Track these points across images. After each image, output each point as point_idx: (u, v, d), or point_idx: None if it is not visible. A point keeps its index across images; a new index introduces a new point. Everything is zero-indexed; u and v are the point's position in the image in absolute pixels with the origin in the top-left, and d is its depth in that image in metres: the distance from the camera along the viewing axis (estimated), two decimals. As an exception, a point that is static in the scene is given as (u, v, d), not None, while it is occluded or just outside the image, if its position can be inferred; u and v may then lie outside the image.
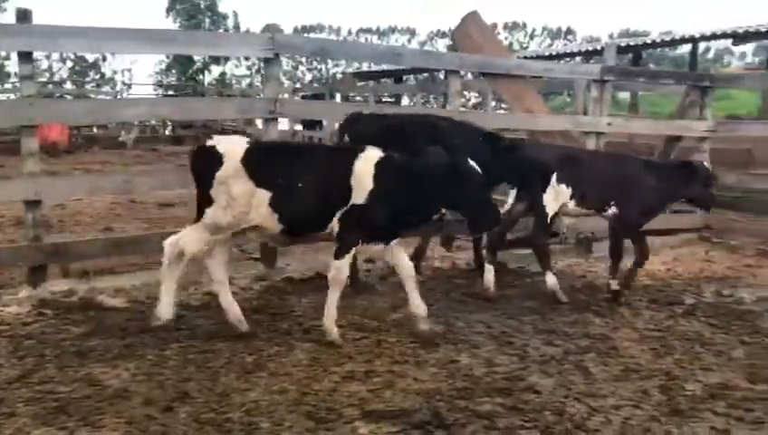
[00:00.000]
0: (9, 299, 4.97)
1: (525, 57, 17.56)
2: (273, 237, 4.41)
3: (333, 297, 4.24)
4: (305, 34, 52.41)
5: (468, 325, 4.71)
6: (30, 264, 5.18)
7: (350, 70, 39.11)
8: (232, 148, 4.09)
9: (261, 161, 4.10)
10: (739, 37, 14.82)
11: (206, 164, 4.09)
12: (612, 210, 5.51)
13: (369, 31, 59.32)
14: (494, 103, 13.53)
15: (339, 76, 46.23)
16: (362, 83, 27.35)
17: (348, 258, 4.22)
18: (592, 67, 7.41)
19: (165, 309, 4.26)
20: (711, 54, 48.97)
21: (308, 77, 54.95)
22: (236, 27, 46.14)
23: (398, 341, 4.35)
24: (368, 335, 4.44)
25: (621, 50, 14.02)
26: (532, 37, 58.24)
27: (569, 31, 59.05)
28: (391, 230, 4.30)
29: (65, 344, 4.13)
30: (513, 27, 57.34)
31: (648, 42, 18.23)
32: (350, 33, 58.58)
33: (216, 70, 45.86)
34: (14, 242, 6.59)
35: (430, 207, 4.34)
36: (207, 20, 44.70)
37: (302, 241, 5.23)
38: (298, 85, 40.74)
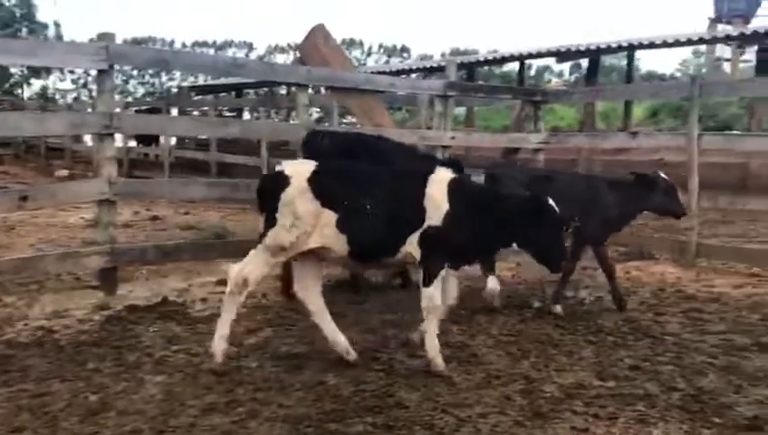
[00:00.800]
0: None
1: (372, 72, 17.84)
2: (343, 261, 4.28)
3: (432, 327, 4.09)
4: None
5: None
6: None
7: (186, 83, 37.76)
8: (299, 169, 4.04)
9: (328, 182, 4.01)
10: (561, 56, 16.09)
11: (272, 187, 4.02)
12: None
13: (204, 44, 57.60)
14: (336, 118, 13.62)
15: (174, 90, 44.52)
16: (199, 97, 26.50)
17: (438, 285, 4.05)
18: (435, 83, 7.63)
19: (220, 344, 4.00)
20: (533, 72, 52.81)
21: (140, 91, 52.37)
22: (59, 38, 42.99)
23: (259, 366, 4.15)
24: (225, 362, 4.18)
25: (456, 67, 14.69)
26: (369, 54, 59.53)
27: (404, 48, 61.05)
28: (471, 253, 4.26)
29: None
30: (350, 44, 58.30)
31: (482, 59, 19.32)
32: (184, 46, 56.60)
33: (36, 83, 42.44)
34: None
35: (505, 235, 4.23)
36: (25, 29, 41.27)
37: (374, 267, 4.93)
38: (130, 99, 38.70)
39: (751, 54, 26.94)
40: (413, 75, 20.49)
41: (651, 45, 15.49)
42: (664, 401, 3.73)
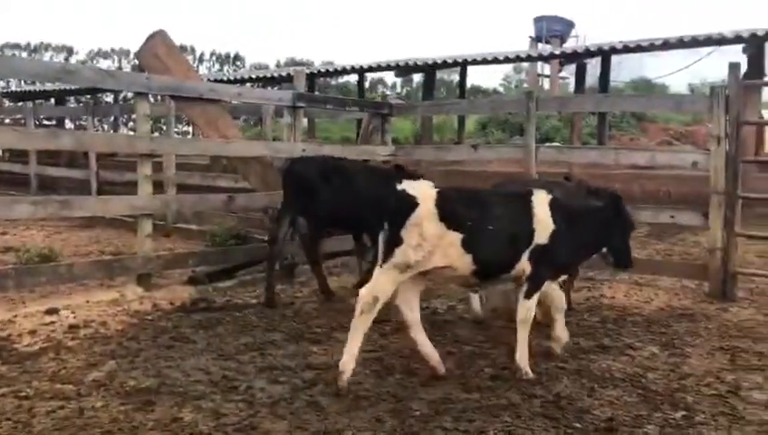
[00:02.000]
0: None
1: (216, 81, 17.23)
2: (462, 279, 4.47)
3: (524, 336, 4.38)
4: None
5: (185, 374, 4.24)
6: None
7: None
8: (426, 192, 4.23)
9: (452, 205, 4.22)
10: (400, 69, 16.50)
11: (401, 208, 4.16)
12: None
13: (17, 46, 52.78)
14: (175, 130, 12.94)
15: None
16: (12, 105, 24.18)
17: (536, 299, 4.40)
18: (284, 93, 7.42)
19: (350, 362, 4.10)
20: (367, 84, 53.90)
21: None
22: None
23: (104, 405, 3.72)
24: (64, 404, 3.72)
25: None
26: (201, 61, 57.68)
27: (237, 57, 59.85)
28: (573, 264, 4.76)
29: None
30: (180, 50, 56.13)
31: (323, 70, 19.33)
32: (-8, 47, 51.46)
33: None
34: None
35: (598, 241, 4.68)
36: None
37: (492, 284, 4.93)
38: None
39: (568, 72, 29.46)
40: (247, 85, 20.02)
41: (483, 61, 16.33)
42: (527, 410, 3.81)
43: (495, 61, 16.27)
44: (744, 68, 11.34)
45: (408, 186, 4.32)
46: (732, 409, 3.88)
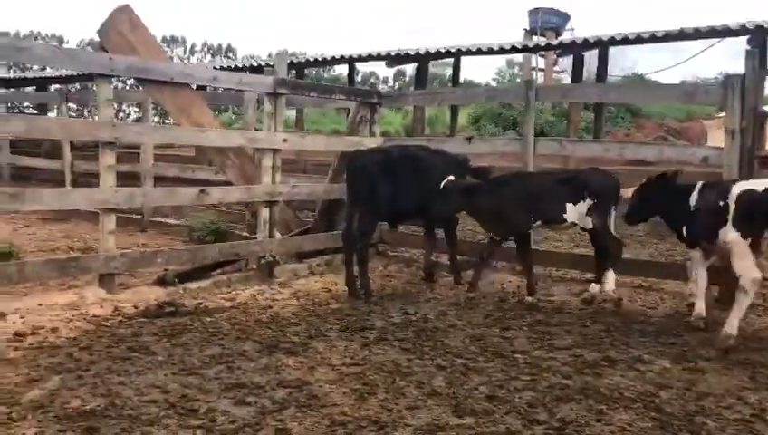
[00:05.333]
0: None
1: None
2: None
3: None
4: None
5: (138, 393, 3.71)
6: None
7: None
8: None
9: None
10: (391, 59, 15.92)
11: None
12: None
13: (2, 35, 51.82)
14: (156, 118, 12.32)
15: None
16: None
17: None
18: (265, 79, 6.89)
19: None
20: (359, 77, 53.22)
21: None
22: None
23: (38, 433, 3.19)
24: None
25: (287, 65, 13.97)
26: (192, 53, 56.88)
27: (229, 48, 59.11)
28: None
29: None
30: (171, 41, 55.28)
31: (311, 60, 18.72)
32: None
33: None
34: None
35: None
36: None
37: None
38: None
39: (562, 65, 28.98)
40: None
41: (478, 52, 15.77)
42: (529, 440, 3.32)
43: (491, 51, 15.71)
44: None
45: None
46: (760, 437, 3.41)
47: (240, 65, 18.84)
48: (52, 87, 22.39)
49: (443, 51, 15.83)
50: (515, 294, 6.48)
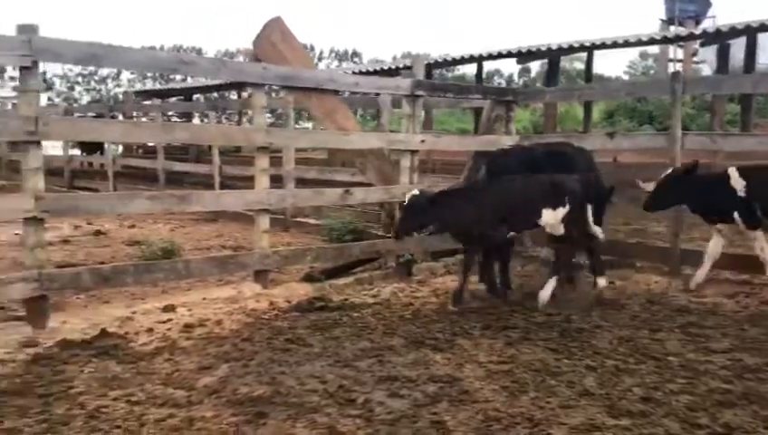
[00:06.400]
0: None
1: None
2: None
3: None
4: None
5: (299, 382, 3.95)
6: None
7: (133, 89, 36.50)
8: None
9: None
10: (522, 56, 15.74)
11: None
12: None
13: (152, 49, 55.94)
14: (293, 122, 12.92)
15: (120, 96, 43.03)
16: (147, 102, 25.42)
17: None
18: (403, 81, 7.05)
19: None
20: (483, 75, 52.78)
21: (86, 98, 50.47)
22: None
23: (215, 416, 3.48)
24: (174, 412, 3.51)
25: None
26: (320, 59, 58.86)
27: (355, 53, 60.65)
28: None
29: None
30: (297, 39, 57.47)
31: (440, 60, 18.84)
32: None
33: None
34: None
35: None
36: None
37: None
38: (76, 105, 37.17)
39: (701, 55, 27.32)
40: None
41: (614, 45, 15.22)
42: (692, 444, 3.22)
43: (627, 44, 15.13)
44: None
45: None
46: None
47: (370, 69, 19.27)
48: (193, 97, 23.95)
49: (576, 45, 15.43)
50: (663, 295, 6.24)
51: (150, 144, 17.69)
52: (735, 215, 5.96)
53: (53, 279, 4.92)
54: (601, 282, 5.97)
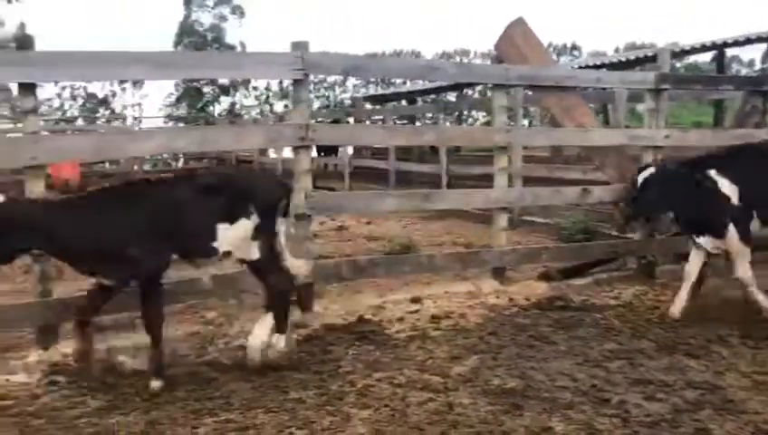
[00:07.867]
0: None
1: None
2: None
3: None
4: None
5: (550, 378, 4.01)
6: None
7: (358, 95, 38.76)
8: None
9: None
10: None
11: None
12: None
13: (403, 58, 58.62)
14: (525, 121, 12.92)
15: (347, 102, 45.98)
16: (372, 107, 26.91)
17: None
18: (647, 75, 6.75)
19: None
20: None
21: (316, 104, 54.58)
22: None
23: (472, 403, 3.67)
24: (433, 396, 3.76)
25: (651, 58, 13.34)
26: (542, 54, 57.81)
27: (574, 47, 58.70)
28: None
29: (81, 424, 3.48)
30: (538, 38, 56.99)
31: (677, 51, 17.52)
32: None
33: (225, 101, 45.69)
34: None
35: None
36: (215, 52, 44.43)
37: None
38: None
39: None
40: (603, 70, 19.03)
41: None
42: None
43: None
44: None
45: None
46: None
47: (598, 63, 18.55)
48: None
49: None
50: None
51: (377, 146, 18.63)
52: None
53: (320, 269, 5.47)
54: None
